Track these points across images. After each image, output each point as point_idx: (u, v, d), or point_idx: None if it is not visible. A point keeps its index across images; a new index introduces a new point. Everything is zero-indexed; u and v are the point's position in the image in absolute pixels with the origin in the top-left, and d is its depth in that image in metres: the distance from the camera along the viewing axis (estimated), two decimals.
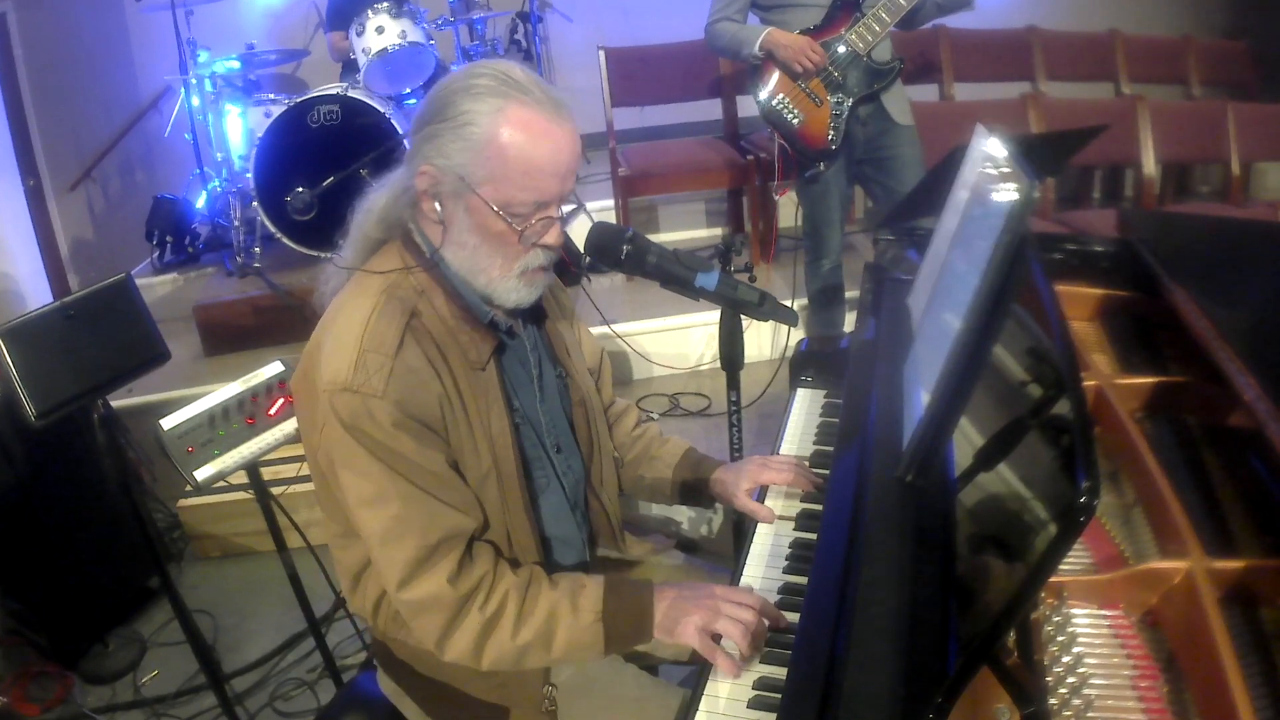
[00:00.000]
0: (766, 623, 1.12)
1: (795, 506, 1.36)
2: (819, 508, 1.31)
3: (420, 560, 1.10)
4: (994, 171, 1.09)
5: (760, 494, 1.40)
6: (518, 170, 1.08)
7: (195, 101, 3.93)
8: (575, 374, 1.34)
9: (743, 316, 1.44)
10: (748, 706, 1.04)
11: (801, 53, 2.65)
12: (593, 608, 1.13)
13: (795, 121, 2.78)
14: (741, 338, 1.51)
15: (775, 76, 2.77)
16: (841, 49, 2.68)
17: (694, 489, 1.44)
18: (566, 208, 1.17)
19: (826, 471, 1.34)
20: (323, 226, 3.51)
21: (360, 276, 1.18)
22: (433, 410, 1.12)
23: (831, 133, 2.77)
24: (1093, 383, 1.24)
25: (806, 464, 1.43)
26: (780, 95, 2.77)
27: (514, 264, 1.15)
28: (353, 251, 1.23)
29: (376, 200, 1.22)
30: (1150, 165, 3.63)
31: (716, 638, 1.10)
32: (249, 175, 3.62)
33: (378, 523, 1.10)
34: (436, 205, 1.13)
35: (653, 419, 1.54)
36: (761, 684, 1.06)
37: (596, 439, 1.36)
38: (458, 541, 1.13)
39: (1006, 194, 0.99)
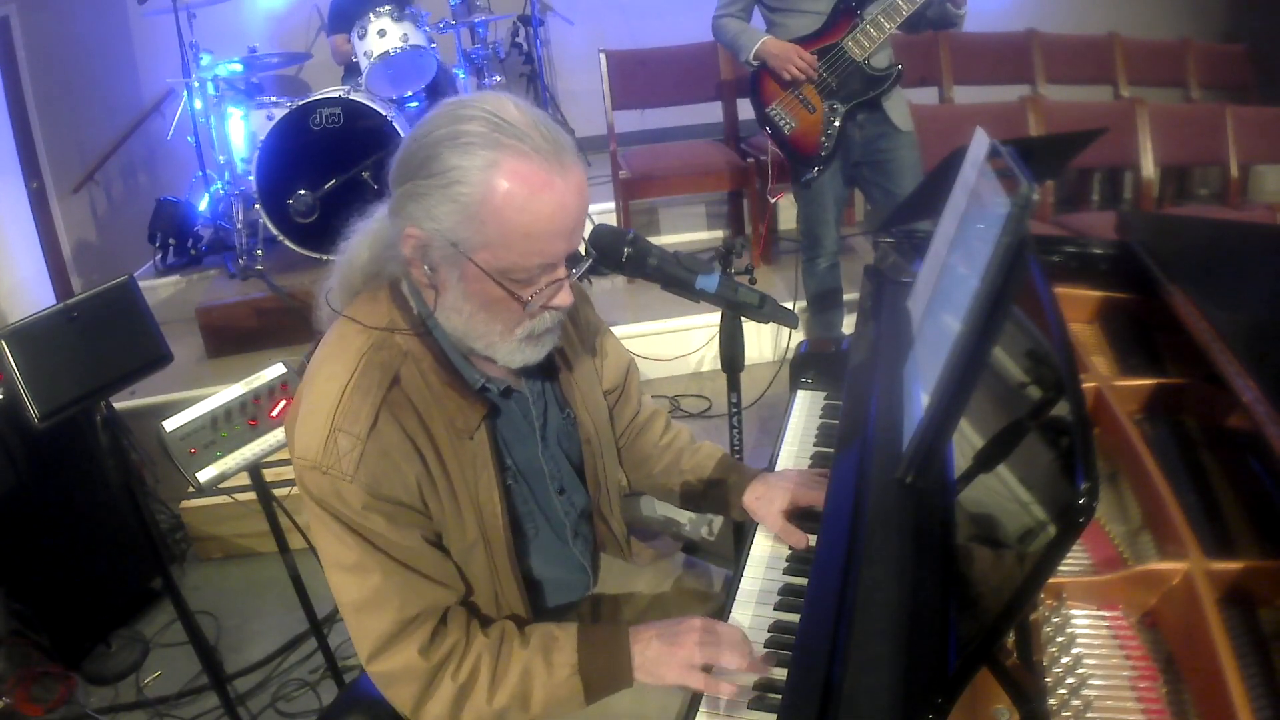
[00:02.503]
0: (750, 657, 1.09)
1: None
2: (819, 509, 1.31)
3: (395, 634, 1.05)
4: (993, 174, 1.09)
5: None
6: (517, 234, 0.95)
7: (198, 104, 3.93)
8: (583, 411, 1.27)
9: (743, 318, 1.44)
10: (748, 707, 1.05)
11: (789, 60, 2.66)
12: (567, 661, 1.09)
13: (788, 128, 2.79)
14: (742, 340, 1.52)
15: (770, 83, 2.78)
16: (838, 54, 2.68)
17: (723, 505, 1.41)
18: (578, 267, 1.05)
19: None
20: (325, 229, 3.53)
21: (346, 326, 1.09)
22: (409, 491, 1.06)
23: (824, 139, 2.77)
24: (1092, 384, 1.24)
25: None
26: (775, 102, 2.79)
27: (516, 330, 1.05)
28: (341, 292, 1.14)
29: (359, 253, 1.11)
30: (1149, 168, 3.63)
31: (707, 668, 1.07)
32: (251, 178, 3.63)
33: (355, 590, 1.05)
34: (426, 269, 1.02)
35: None
36: (762, 684, 1.07)
37: (603, 473, 1.31)
38: (434, 614, 1.09)
39: (1005, 196, 1.00)
